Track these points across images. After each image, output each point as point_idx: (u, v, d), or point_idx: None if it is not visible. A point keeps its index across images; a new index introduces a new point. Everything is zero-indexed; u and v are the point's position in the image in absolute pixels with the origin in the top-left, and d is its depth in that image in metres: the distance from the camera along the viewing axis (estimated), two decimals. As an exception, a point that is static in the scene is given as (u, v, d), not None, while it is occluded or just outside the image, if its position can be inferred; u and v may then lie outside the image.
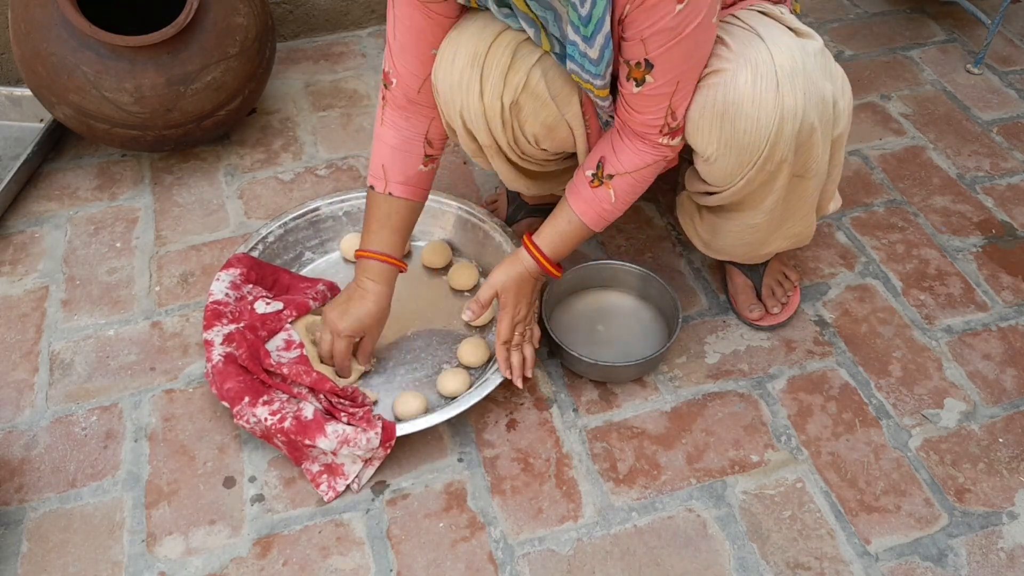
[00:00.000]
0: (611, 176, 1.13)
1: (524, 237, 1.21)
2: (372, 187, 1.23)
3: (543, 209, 1.53)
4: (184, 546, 1.13)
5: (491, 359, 1.31)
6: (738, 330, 1.40)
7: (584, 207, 1.16)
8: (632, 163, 1.11)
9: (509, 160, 1.25)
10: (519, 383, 1.24)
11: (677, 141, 1.09)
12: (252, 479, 1.20)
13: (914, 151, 1.74)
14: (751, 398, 1.31)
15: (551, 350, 1.35)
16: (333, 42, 2.02)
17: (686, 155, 1.50)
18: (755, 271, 1.41)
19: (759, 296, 1.40)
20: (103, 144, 1.67)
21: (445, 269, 1.47)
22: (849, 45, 2.01)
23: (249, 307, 1.31)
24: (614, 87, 1.08)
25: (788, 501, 1.19)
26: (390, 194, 1.22)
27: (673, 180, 1.62)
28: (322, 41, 2.03)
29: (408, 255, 1.50)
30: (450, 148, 1.73)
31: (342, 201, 1.50)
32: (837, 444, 1.25)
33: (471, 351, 1.31)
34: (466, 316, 1.25)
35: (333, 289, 1.39)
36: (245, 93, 1.60)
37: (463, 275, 1.43)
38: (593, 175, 1.14)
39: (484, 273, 1.46)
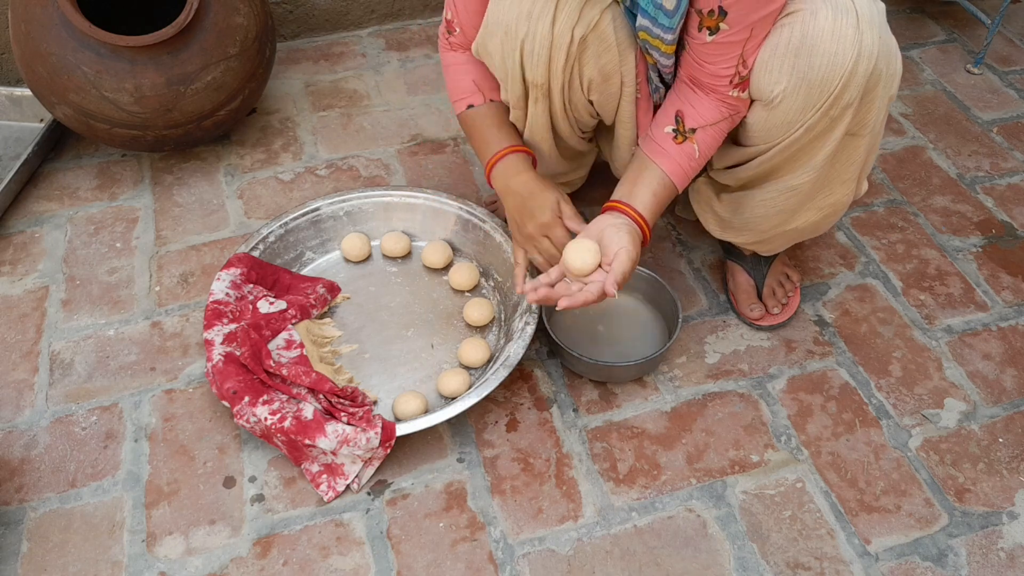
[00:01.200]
0: (694, 130, 1.12)
1: (623, 206, 1.14)
2: (471, 105, 1.23)
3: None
4: (184, 546, 1.13)
5: (491, 359, 1.31)
6: (738, 330, 1.40)
7: (673, 165, 1.14)
8: (711, 115, 1.10)
9: (550, 111, 1.23)
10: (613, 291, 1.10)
11: (746, 94, 1.09)
12: (252, 479, 1.20)
13: (914, 151, 1.75)
14: (751, 398, 1.31)
15: (551, 350, 1.36)
16: (333, 42, 2.02)
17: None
18: (758, 270, 1.40)
19: (760, 296, 1.40)
20: (103, 144, 1.67)
21: (446, 269, 1.47)
22: (849, 45, 2.00)
23: (251, 306, 1.31)
24: (678, 47, 1.08)
25: (788, 501, 1.19)
26: (491, 100, 1.23)
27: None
28: (322, 41, 2.03)
29: (408, 255, 1.50)
30: (451, 148, 1.73)
31: (343, 201, 1.50)
32: (837, 444, 1.25)
33: (471, 351, 1.31)
34: (612, 291, 1.08)
35: (333, 290, 1.39)
36: (245, 93, 1.60)
37: (463, 275, 1.43)
38: (675, 130, 1.13)
39: (484, 273, 1.46)
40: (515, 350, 1.25)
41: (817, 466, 1.23)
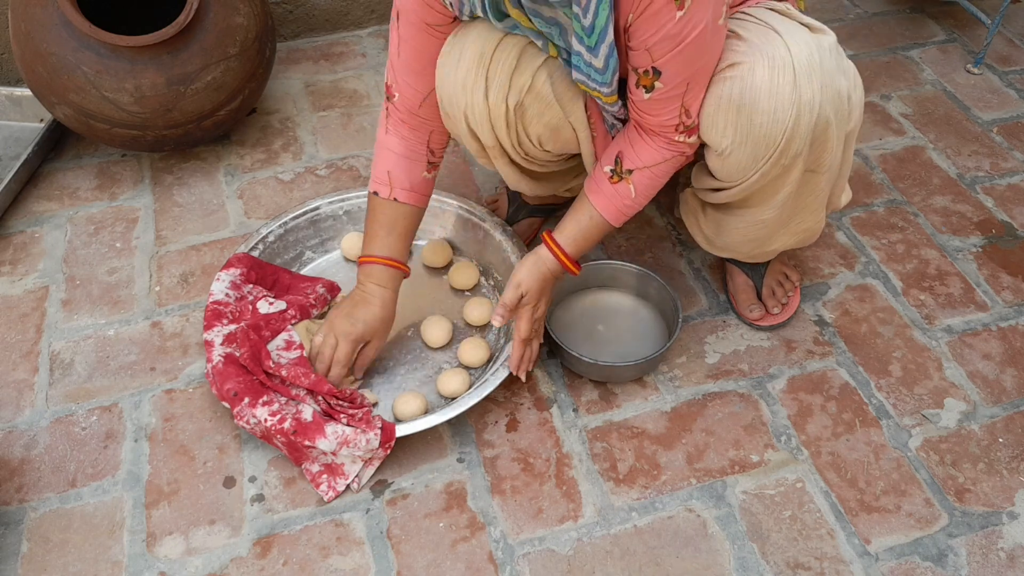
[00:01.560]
0: (630, 171, 1.13)
1: (544, 235, 1.20)
2: (376, 193, 1.23)
3: (544, 209, 1.53)
4: (184, 546, 1.13)
5: (491, 359, 1.31)
6: (738, 330, 1.40)
7: (605, 203, 1.16)
8: (651, 158, 1.11)
9: (512, 161, 1.25)
10: (524, 376, 1.25)
11: (694, 139, 1.09)
12: (252, 479, 1.20)
13: (914, 151, 1.74)
14: (751, 398, 1.31)
15: (551, 350, 1.35)
16: (333, 42, 2.02)
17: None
18: (756, 271, 1.41)
19: (759, 296, 1.40)
20: (103, 144, 1.67)
21: (445, 268, 1.47)
22: (849, 45, 2.00)
23: (251, 307, 1.31)
24: (621, 91, 1.08)
25: (788, 501, 1.19)
26: (395, 199, 1.22)
27: (674, 180, 1.62)
28: (322, 41, 2.03)
29: (409, 255, 1.50)
30: (451, 148, 1.73)
31: (342, 200, 1.50)
32: (837, 444, 1.25)
33: (471, 351, 1.31)
34: (496, 322, 1.21)
35: (333, 289, 1.39)
36: (245, 93, 1.60)
37: (463, 274, 1.43)
38: (612, 171, 1.14)
39: (484, 272, 1.46)
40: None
41: (817, 466, 1.23)
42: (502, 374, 1.23)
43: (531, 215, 1.52)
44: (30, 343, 1.37)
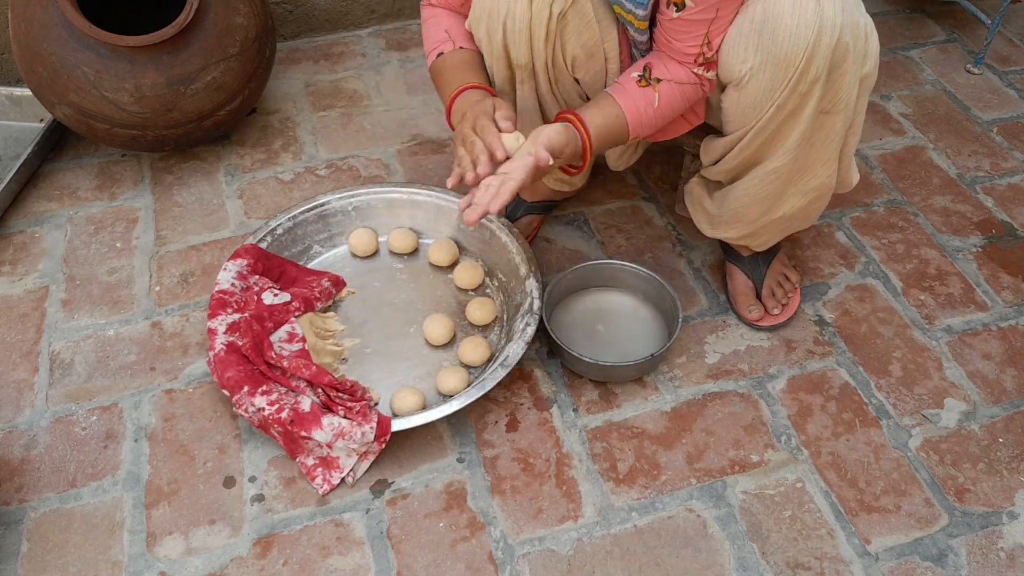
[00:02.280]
0: (659, 80, 1.14)
1: (569, 116, 1.14)
2: (441, 53, 1.23)
3: (541, 206, 1.53)
4: (184, 546, 1.13)
5: (491, 359, 1.31)
6: (738, 330, 1.40)
7: (630, 103, 1.15)
8: (678, 74, 1.13)
9: (538, 93, 1.25)
10: (473, 216, 1.07)
11: (712, 74, 1.11)
12: (252, 479, 1.20)
13: (914, 151, 1.75)
14: (751, 398, 1.31)
15: (551, 350, 1.35)
16: (333, 42, 2.02)
17: (688, 148, 1.50)
18: (756, 270, 1.40)
19: (759, 296, 1.40)
20: (103, 144, 1.67)
21: (451, 267, 1.47)
22: (849, 45, 2.00)
23: (256, 297, 1.31)
24: (651, 23, 1.10)
25: (788, 501, 1.19)
26: (461, 47, 1.23)
27: (673, 180, 1.62)
28: (322, 41, 2.03)
29: (415, 252, 1.50)
30: (451, 148, 1.73)
31: (351, 196, 1.50)
32: (837, 444, 1.25)
33: (471, 350, 1.31)
34: (536, 155, 1.06)
35: (338, 284, 1.40)
36: (245, 93, 1.60)
37: (468, 274, 1.43)
38: (640, 76, 1.15)
39: (489, 272, 1.46)
40: (515, 350, 1.25)
41: (817, 466, 1.23)
42: (500, 373, 1.23)
43: (529, 212, 1.52)
44: (30, 343, 1.37)
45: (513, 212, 1.53)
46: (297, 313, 1.32)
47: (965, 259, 1.53)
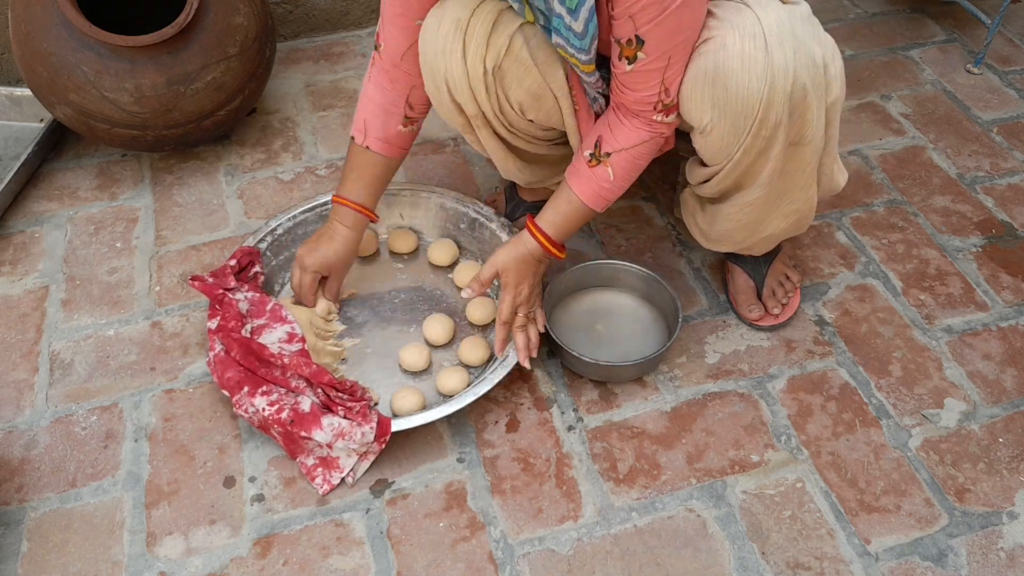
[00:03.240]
0: (608, 154, 1.14)
1: (527, 218, 1.23)
2: (353, 138, 1.28)
3: (541, 206, 1.53)
4: (184, 546, 1.13)
5: (491, 358, 1.31)
6: (738, 330, 1.40)
7: (583, 186, 1.17)
8: (628, 140, 1.12)
9: (498, 135, 1.26)
10: (526, 363, 1.25)
11: (672, 118, 1.10)
12: (252, 479, 1.20)
13: (914, 151, 1.74)
14: (751, 398, 1.31)
15: (551, 350, 1.36)
16: (333, 42, 2.02)
17: (684, 152, 1.50)
18: (758, 270, 1.40)
19: (760, 296, 1.40)
20: (103, 144, 1.67)
21: (451, 267, 1.47)
22: (849, 45, 2.01)
23: (234, 304, 1.30)
24: (599, 64, 1.09)
25: (788, 501, 1.19)
26: (367, 147, 1.27)
27: (673, 180, 1.62)
28: (322, 41, 2.03)
29: (415, 252, 1.50)
30: (452, 148, 1.73)
31: None
32: (837, 444, 1.25)
33: (471, 350, 1.31)
34: (466, 294, 1.27)
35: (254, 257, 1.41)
36: (245, 93, 1.60)
37: (468, 274, 1.43)
38: (591, 155, 1.16)
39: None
40: (504, 355, 1.25)
41: (817, 466, 1.23)
42: (501, 373, 1.23)
43: (528, 212, 1.52)
44: (30, 343, 1.37)
45: (512, 213, 1.53)
46: (283, 311, 1.32)
47: (965, 259, 1.53)
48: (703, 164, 1.19)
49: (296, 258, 1.32)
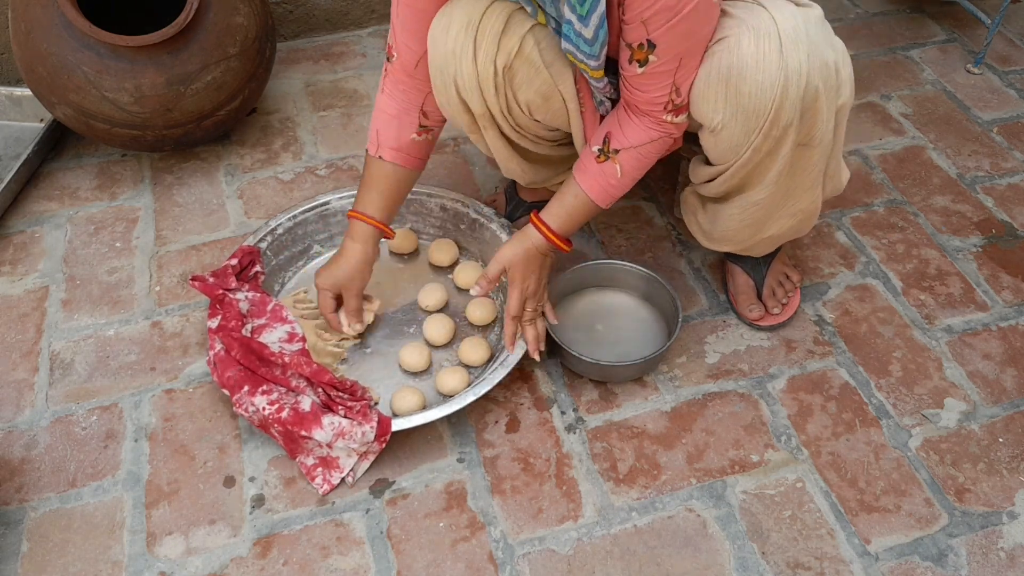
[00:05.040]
0: (617, 151, 1.14)
1: (532, 214, 1.22)
2: (367, 151, 1.27)
3: (541, 206, 1.53)
4: (184, 546, 1.13)
5: (491, 358, 1.31)
6: (738, 330, 1.40)
7: (590, 182, 1.17)
8: (637, 138, 1.13)
9: (503, 134, 1.26)
10: (536, 355, 1.26)
11: (682, 118, 1.11)
12: (252, 479, 1.20)
13: (914, 151, 1.75)
14: (751, 398, 1.31)
15: (551, 350, 1.35)
16: (333, 42, 2.02)
17: (685, 153, 1.50)
18: (758, 270, 1.40)
19: (760, 296, 1.40)
20: (103, 144, 1.67)
21: (451, 267, 1.47)
22: (849, 45, 1.98)
23: (235, 303, 1.31)
24: (608, 69, 1.09)
25: (788, 501, 1.19)
26: (380, 158, 1.25)
27: (673, 180, 1.62)
28: (322, 41, 2.03)
29: (416, 252, 1.50)
30: (452, 149, 1.73)
31: (352, 196, 1.49)
32: (837, 444, 1.25)
33: (471, 350, 1.31)
34: (474, 291, 1.26)
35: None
36: (245, 93, 1.60)
37: (468, 274, 1.43)
38: (600, 151, 1.16)
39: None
40: (515, 350, 1.25)
41: (817, 466, 1.23)
42: (501, 373, 1.23)
43: (530, 212, 1.52)
44: (30, 343, 1.37)
45: (512, 213, 1.53)
46: (284, 312, 1.32)
47: (965, 259, 1.53)
48: (708, 163, 1.19)
49: (316, 281, 1.31)
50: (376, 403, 1.26)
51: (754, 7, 1.04)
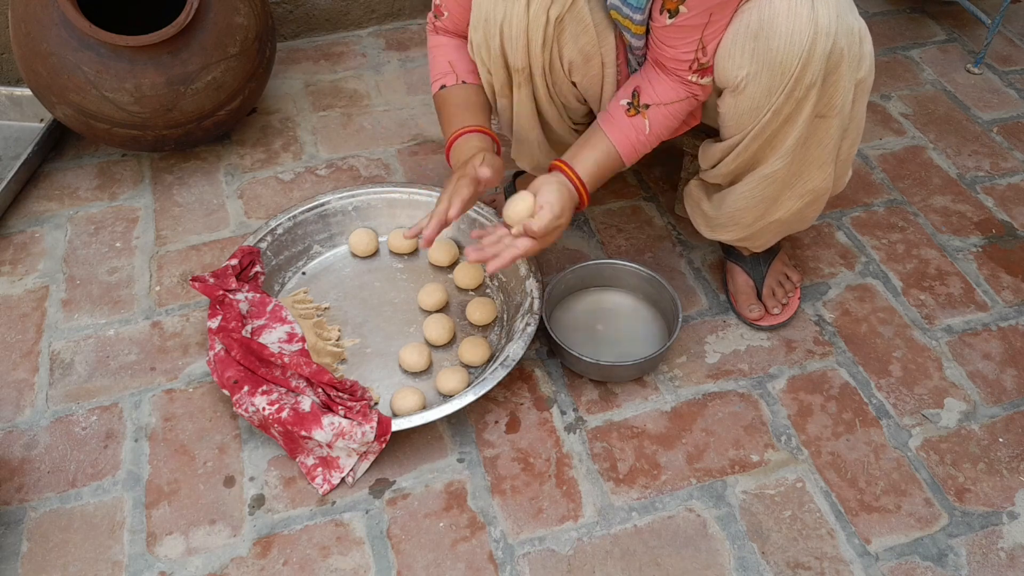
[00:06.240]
0: (647, 106, 1.15)
1: (561, 165, 1.18)
2: (443, 86, 1.26)
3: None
4: (184, 546, 1.13)
5: (491, 358, 1.31)
6: (738, 330, 1.40)
7: (620, 136, 1.17)
8: (667, 95, 1.14)
9: (535, 97, 1.25)
10: (492, 269, 1.13)
11: (707, 80, 1.12)
12: (252, 479, 1.20)
13: (914, 151, 1.75)
14: (751, 398, 1.31)
15: (551, 350, 1.35)
16: (333, 42, 2.02)
17: (688, 148, 1.51)
18: (757, 270, 1.40)
19: (760, 296, 1.40)
20: (103, 144, 1.67)
21: (451, 267, 1.47)
22: (849, 45, 2.00)
23: (235, 304, 1.31)
24: (649, 29, 1.11)
25: (788, 501, 1.19)
26: (464, 82, 1.25)
27: (673, 180, 1.62)
28: (322, 41, 2.03)
29: (415, 252, 1.50)
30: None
31: (351, 196, 1.50)
32: (837, 444, 1.25)
33: (471, 350, 1.31)
34: (516, 231, 1.13)
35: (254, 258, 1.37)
36: (245, 93, 1.60)
37: (468, 274, 1.43)
38: (629, 104, 1.16)
39: (489, 273, 1.46)
40: (515, 350, 1.25)
41: (817, 466, 1.23)
42: (500, 373, 1.23)
43: None
44: (30, 343, 1.37)
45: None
46: (283, 312, 1.32)
47: (965, 259, 1.53)
48: (719, 141, 1.19)
49: (457, 176, 1.16)
50: (376, 403, 1.26)
51: None
